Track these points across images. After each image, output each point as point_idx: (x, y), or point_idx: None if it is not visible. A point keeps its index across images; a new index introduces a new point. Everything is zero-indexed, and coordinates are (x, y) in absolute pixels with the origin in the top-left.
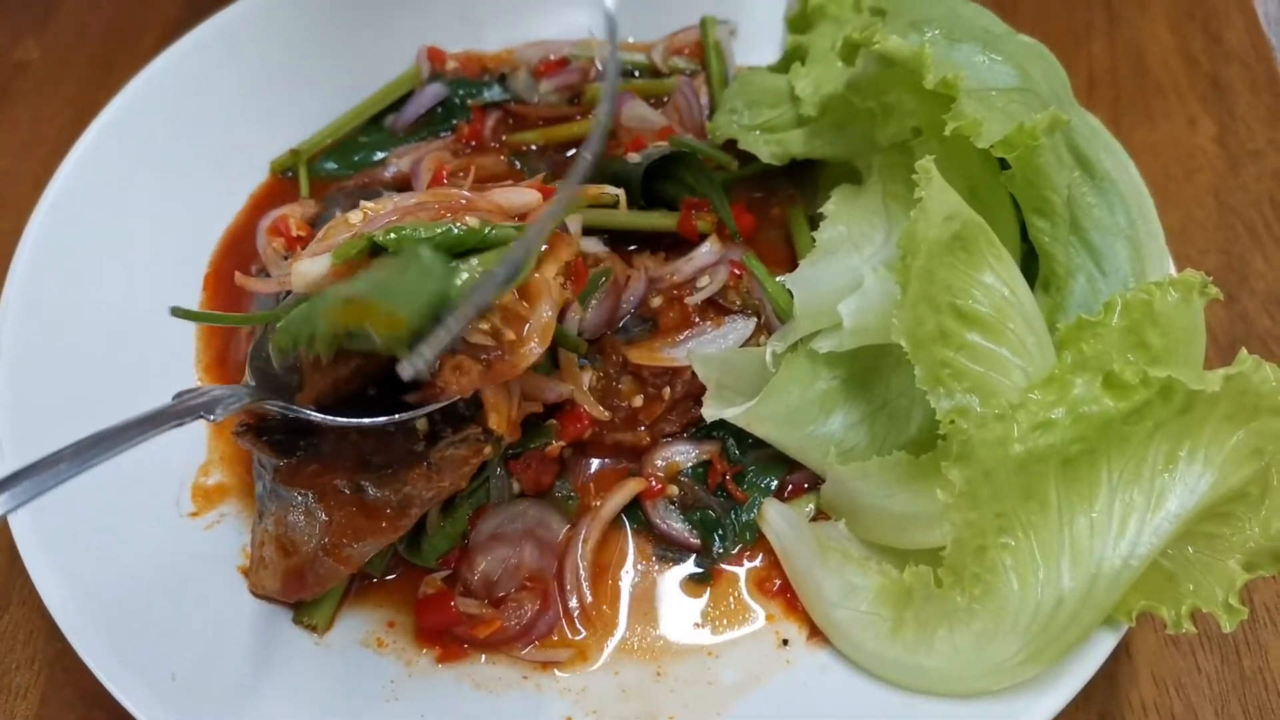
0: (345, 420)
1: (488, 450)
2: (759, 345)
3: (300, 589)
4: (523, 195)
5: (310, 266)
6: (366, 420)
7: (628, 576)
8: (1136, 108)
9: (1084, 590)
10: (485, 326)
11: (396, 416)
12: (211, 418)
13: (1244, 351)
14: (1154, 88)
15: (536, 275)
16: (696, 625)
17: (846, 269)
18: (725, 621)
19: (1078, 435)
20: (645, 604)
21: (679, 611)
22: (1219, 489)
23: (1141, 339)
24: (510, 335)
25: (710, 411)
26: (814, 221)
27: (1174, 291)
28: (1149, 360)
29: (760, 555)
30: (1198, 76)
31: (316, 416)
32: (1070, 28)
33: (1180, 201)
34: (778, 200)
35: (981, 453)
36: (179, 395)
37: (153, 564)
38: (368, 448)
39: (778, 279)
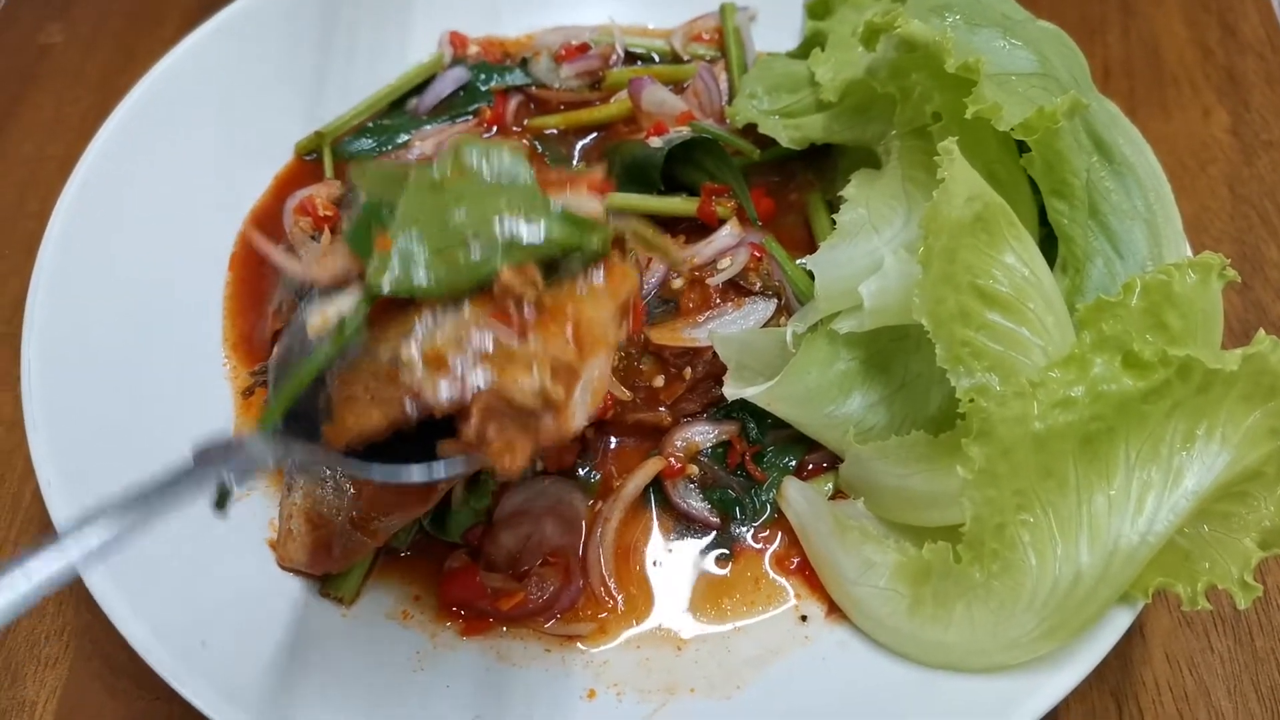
0: (378, 470)
1: None
2: (779, 326)
3: (327, 562)
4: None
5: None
6: (402, 478)
7: (649, 555)
8: (1151, 99)
9: (1101, 567)
10: (532, 385)
11: (437, 478)
12: (240, 488)
13: (1261, 332)
14: (1169, 79)
15: (595, 318)
16: (717, 602)
17: (866, 251)
18: (745, 599)
19: (1097, 413)
20: (666, 581)
21: (699, 589)
22: (1235, 468)
23: (1160, 320)
24: (560, 394)
25: (730, 390)
26: (833, 206)
27: (1193, 273)
28: (1168, 340)
29: (780, 534)
30: (1212, 68)
31: (351, 464)
32: (1085, 19)
33: (1194, 192)
34: (796, 185)
35: (1001, 430)
36: (198, 450)
37: (181, 536)
38: None
39: (798, 261)
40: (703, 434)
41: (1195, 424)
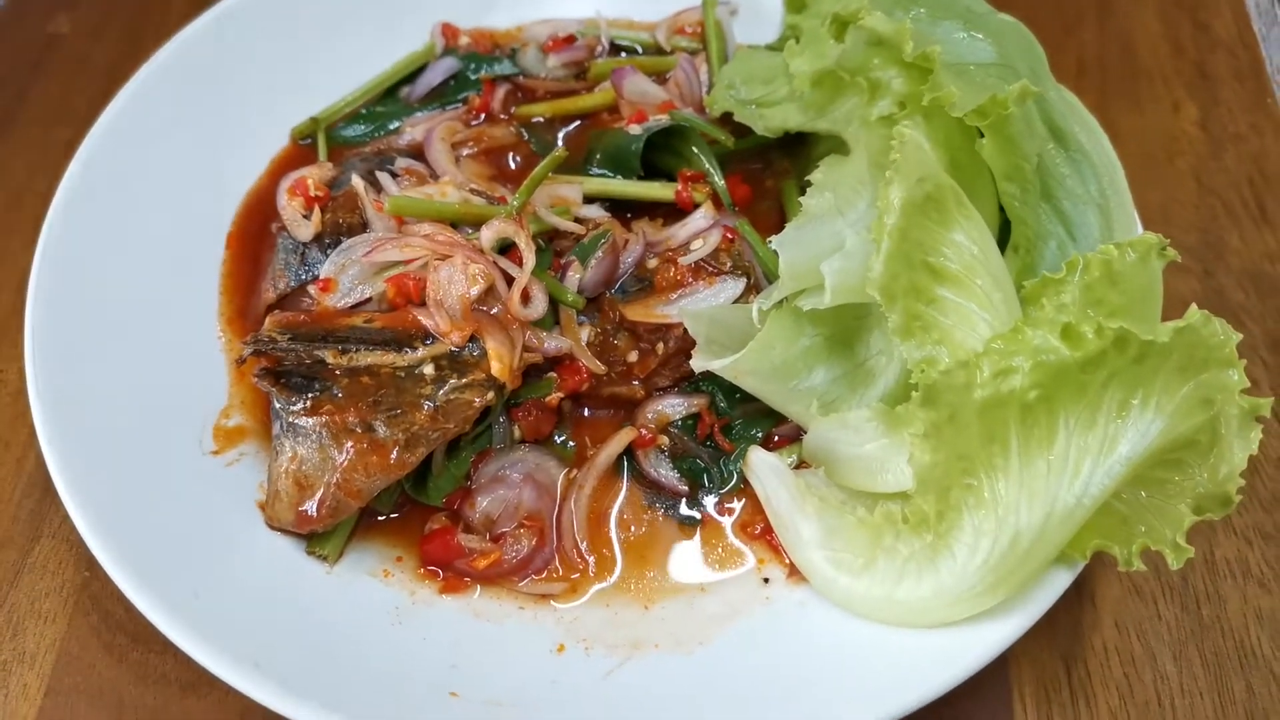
0: None
1: (490, 396)
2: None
3: (313, 521)
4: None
5: None
6: None
7: (621, 520)
8: (1124, 93)
9: (1039, 527)
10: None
11: None
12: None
13: (1194, 306)
14: (1141, 73)
15: None
16: (684, 566)
17: (831, 232)
18: (711, 562)
19: (1036, 382)
20: (636, 545)
21: (668, 553)
22: (1169, 436)
23: (1100, 296)
24: None
25: (698, 363)
26: (805, 192)
27: (1133, 251)
28: (1106, 315)
29: (745, 501)
30: (1184, 64)
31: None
32: (1062, 15)
33: (1162, 183)
34: (772, 172)
35: (947, 397)
36: None
37: (177, 498)
38: (379, 391)
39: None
40: (673, 406)
41: (1131, 394)
